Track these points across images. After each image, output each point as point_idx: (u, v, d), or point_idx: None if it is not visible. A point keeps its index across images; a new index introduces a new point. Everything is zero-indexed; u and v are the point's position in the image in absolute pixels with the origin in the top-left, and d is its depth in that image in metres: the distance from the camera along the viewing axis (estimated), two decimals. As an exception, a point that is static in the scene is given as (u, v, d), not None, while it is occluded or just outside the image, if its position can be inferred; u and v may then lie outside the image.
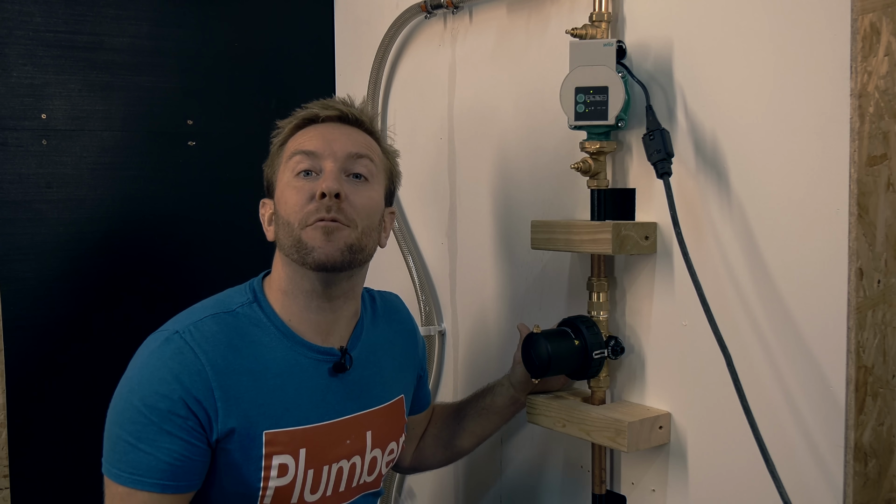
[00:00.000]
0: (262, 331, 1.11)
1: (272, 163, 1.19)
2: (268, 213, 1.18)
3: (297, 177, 1.11)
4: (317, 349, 1.13)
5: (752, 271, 1.09)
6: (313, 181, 1.11)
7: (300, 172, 1.11)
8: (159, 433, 1.01)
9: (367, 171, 1.14)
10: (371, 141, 1.19)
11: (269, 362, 1.09)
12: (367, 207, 1.12)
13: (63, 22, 1.60)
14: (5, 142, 1.55)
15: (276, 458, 1.07)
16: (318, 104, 1.18)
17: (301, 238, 1.08)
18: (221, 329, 1.08)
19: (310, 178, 1.11)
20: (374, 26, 1.74)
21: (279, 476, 1.07)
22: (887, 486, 1.00)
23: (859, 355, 0.98)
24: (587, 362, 1.21)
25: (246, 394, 1.06)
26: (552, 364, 1.19)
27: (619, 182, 1.26)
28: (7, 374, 1.54)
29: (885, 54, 0.95)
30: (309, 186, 1.10)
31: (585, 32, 1.21)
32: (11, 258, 1.56)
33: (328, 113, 1.17)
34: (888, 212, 0.97)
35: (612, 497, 1.29)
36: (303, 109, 1.19)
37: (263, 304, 1.13)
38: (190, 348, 1.05)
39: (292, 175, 1.12)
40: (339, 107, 1.17)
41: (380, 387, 1.21)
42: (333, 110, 1.17)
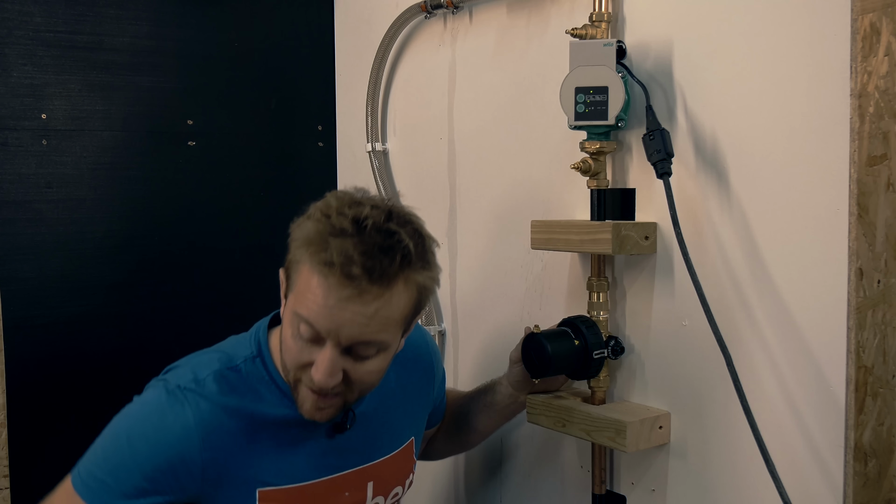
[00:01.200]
0: (265, 388, 1.07)
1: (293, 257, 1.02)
2: (284, 287, 1.06)
3: (300, 334, 1.00)
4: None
5: (752, 271, 1.09)
6: (313, 347, 1.00)
7: (302, 332, 0.99)
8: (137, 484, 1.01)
9: (375, 351, 1.01)
10: (391, 309, 0.98)
11: (268, 421, 1.06)
12: (370, 376, 1.03)
13: (63, 22, 1.60)
14: (5, 142, 1.55)
15: None
16: (343, 257, 0.94)
17: (295, 387, 1.04)
18: (222, 389, 1.05)
19: (310, 342, 1.00)
20: (374, 26, 1.74)
21: None
22: (887, 486, 1.00)
23: (859, 355, 0.98)
24: (587, 362, 1.21)
25: (239, 454, 1.04)
26: (552, 364, 1.19)
27: (619, 182, 1.26)
28: (7, 374, 1.54)
29: (885, 54, 0.95)
30: (307, 354, 1.00)
31: (585, 32, 1.21)
32: (11, 258, 1.56)
33: (348, 289, 0.95)
34: (888, 212, 0.97)
35: (612, 497, 1.29)
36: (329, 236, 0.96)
37: (267, 360, 1.09)
38: (188, 406, 1.03)
39: (295, 329, 1.00)
40: (363, 283, 0.95)
41: (387, 437, 1.18)
42: (353, 284, 0.94)
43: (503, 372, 1.35)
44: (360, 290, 0.95)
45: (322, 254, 0.96)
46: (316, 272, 0.96)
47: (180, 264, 1.74)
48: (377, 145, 1.73)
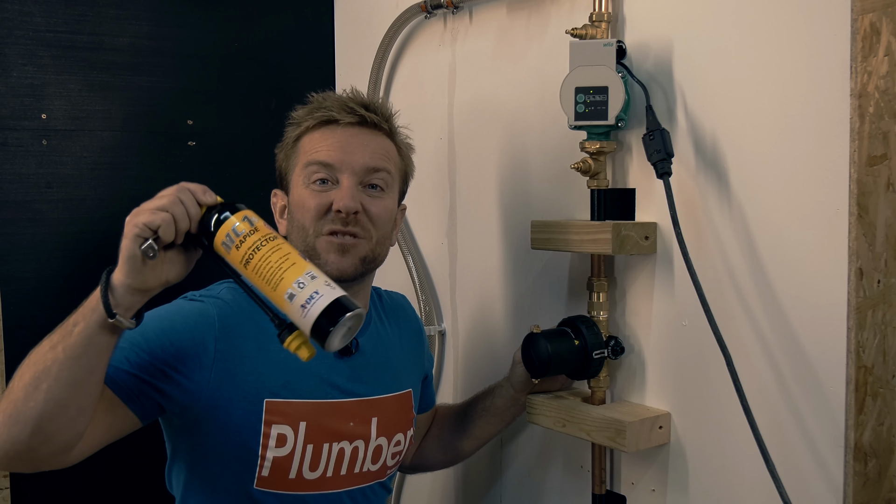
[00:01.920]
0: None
1: (286, 156, 1.19)
2: (279, 205, 1.20)
3: (314, 184, 1.13)
4: None
5: (752, 271, 1.09)
6: (329, 190, 1.12)
7: (316, 181, 1.13)
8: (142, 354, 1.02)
9: (383, 182, 1.16)
10: (390, 146, 1.19)
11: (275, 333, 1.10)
12: (382, 218, 1.15)
13: (63, 22, 1.60)
14: (5, 142, 1.55)
15: (275, 427, 1.08)
16: (338, 104, 1.16)
17: (315, 247, 1.12)
18: (234, 297, 1.11)
19: (325, 186, 1.13)
20: (374, 26, 1.74)
21: (278, 446, 1.08)
22: (887, 486, 1.00)
23: (859, 355, 0.98)
24: (587, 362, 1.21)
25: (248, 358, 1.07)
26: (552, 364, 1.19)
27: (619, 182, 1.26)
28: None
29: (885, 54, 0.95)
30: (325, 196, 1.12)
31: (585, 32, 1.21)
32: (11, 258, 1.56)
33: (349, 119, 1.15)
34: (888, 212, 0.97)
35: (612, 497, 1.29)
36: (320, 102, 1.17)
37: None
38: (204, 304, 1.09)
39: (308, 182, 1.13)
40: (360, 111, 1.15)
41: (387, 376, 1.22)
42: (353, 116, 1.15)
43: (503, 372, 1.35)
44: (362, 122, 1.15)
45: (318, 112, 1.15)
46: (319, 127, 1.15)
47: (180, 264, 1.74)
48: (377, 145, 1.73)
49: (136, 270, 0.88)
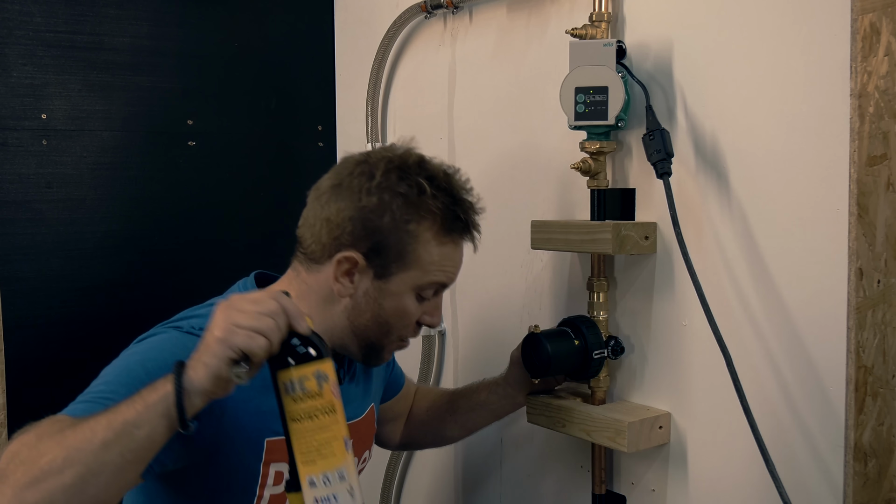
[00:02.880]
0: None
1: (398, 238, 1.04)
2: (347, 266, 1.06)
3: (420, 299, 1.09)
4: None
5: (752, 271, 1.09)
6: (426, 303, 1.10)
7: (426, 297, 1.09)
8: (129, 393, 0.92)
9: None
10: None
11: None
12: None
13: (63, 22, 1.60)
14: (5, 142, 1.55)
15: (273, 465, 1.05)
16: (472, 219, 1.10)
17: (384, 347, 1.11)
18: None
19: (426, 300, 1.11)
20: (374, 26, 1.74)
21: (275, 484, 1.06)
22: (887, 486, 1.00)
23: (859, 355, 0.98)
24: (587, 362, 1.21)
25: (251, 399, 1.02)
26: (552, 364, 1.19)
27: (619, 182, 1.26)
28: (7, 374, 1.54)
29: (885, 54, 0.95)
30: (420, 310, 1.10)
31: (585, 32, 1.21)
32: (11, 258, 1.56)
33: (476, 234, 1.12)
34: (888, 212, 0.97)
35: (612, 497, 1.29)
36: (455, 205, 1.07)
37: None
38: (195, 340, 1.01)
39: (415, 295, 1.08)
40: (478, 236, 1.12)
41: (359, 399, 1.21)
42: (473, 236, 1.12)
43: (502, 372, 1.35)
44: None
45: (455, 223, 1.07)
46: (449, 241, 1.08)
47: (180, 264, 1.74)
48: (377, 145, 1.73)
49: (221, 387, 0.84)
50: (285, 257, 1.20)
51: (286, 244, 1.64)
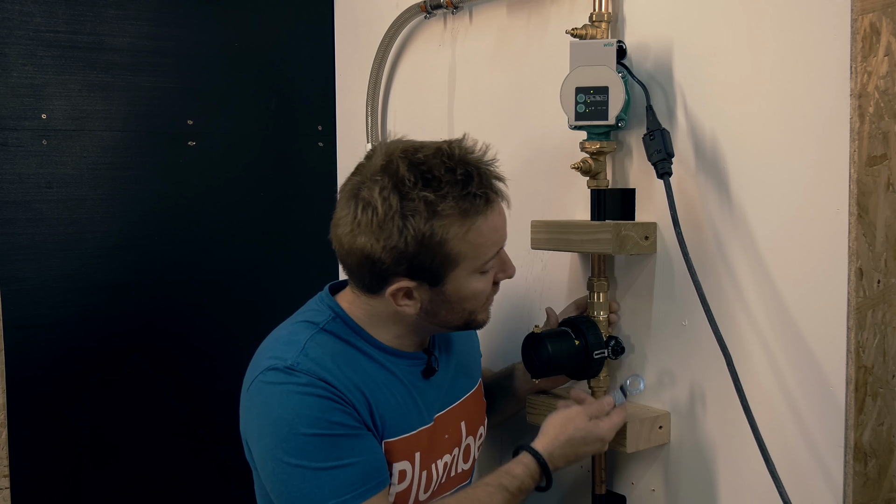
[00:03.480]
0: (353, 345, 1.10)
1: (429, 248, 1.02)
2: (404, 290, 1.06)
3: (485, 271, 1.08)
4: (407, 355, 1.14)
5: (752, 271, 1.09)
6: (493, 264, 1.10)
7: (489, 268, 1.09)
8: (352, 440, 1.01)
9: None
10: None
11: (374, 372, 1.09)
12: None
13: (63, 22, 1.60)
14: (5, 142, 1.55)
15: (395, 465, 1.08)
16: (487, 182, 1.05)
17: (476, 318, 1.13)
18: (326, 349, 1.07)
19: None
20: (374, 26, 1.74)
21: (399, 482, 1.09)
22: (887, 486, 1.00)
23: (859, 355, 0.98)
24: (587, 362, 1.21)
25: (367, 406, 1.06)
26: (552, 364, 1.19)
27: (619, 182, 1.26)
28: (7, 374, 1.54)
29: (885, 54, 0.95)
30: (492, 273, 1.10)
31: (585, 32, 1.21)
32: (11, 258, 1.56)
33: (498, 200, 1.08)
34: (888, 212, 0.97)
35: (612, 497, 1.29)
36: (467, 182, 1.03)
37: (347, 319, 1.11)
38: (317, 377, 1.03)
39: (478, 269, 1.07)
40: (501, 188, 1.08)
41: (463, 377, 1.24)
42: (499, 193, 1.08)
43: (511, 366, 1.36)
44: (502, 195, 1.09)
45: (472, 205, 1.03)
46: (478, 220, 1.03)
47: (180, 264, 1.74)
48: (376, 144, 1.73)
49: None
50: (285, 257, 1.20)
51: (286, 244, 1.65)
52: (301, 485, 0.99)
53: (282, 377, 1.03)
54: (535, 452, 1.10)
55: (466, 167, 1.03)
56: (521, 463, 1.09)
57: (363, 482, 1.00)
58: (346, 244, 1.05)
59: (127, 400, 1.67)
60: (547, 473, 1.09)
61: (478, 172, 1.04)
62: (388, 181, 1.01)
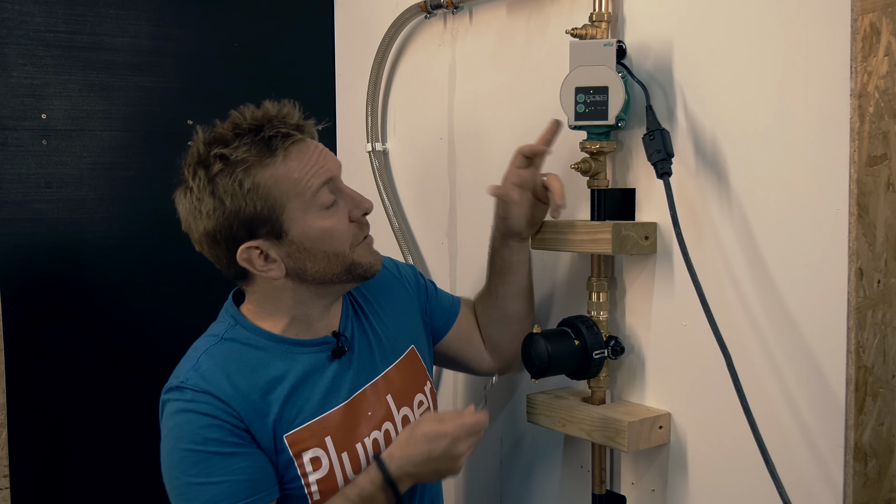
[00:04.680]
0: (254, 346, 1.12)
1: (261, 198, 1.06)
2: (257, 253, 1.09)
3: (329, 206, 1.09)
4: (311, 342, 1.15)
5: (752, 271, 1.09)
6: (342, 209, 1.11)
7: (330, 204, 1.09)
8: (224, 458, 1.04)
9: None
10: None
11: (272, 372, 1.11)
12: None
13: (63, 22, 1.60)
14: (5, 142, 1.55)
15: (304, 454, 1.09)
16: (281, 122, 1.10)
17: (354, 260, 1.11)
18: (217, 362, 1.10)
19: (335, 202, 1.11)
20: (374, 26, 1.74)
21: (315, 470, 1.09)
22: (887, 486, 1.00)
23: (859, 355, 0.98)
24: (587, 362, 1.21)
25: (261, 410, 1.08)
26: (552, 364, 1.19)
27: (619, 182, 1.26)
28: (7, 374, 1.54)
29: (885, 54, 0.95)
30: (343, 211, 1.11)
31: (585, 32, 1.21)
32: (11, 258, 1.56)
33: (303, 136, 1.11)
34: (888, 212, 0.97)
35: (612, 497, 1.29)
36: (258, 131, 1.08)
37: (246, 323, 1.14)
38: (202, 391, 1.06)
39: (322, 208, 1.08)
40: (304, 125, 1.12)
41: (383, 350, 1.22)
42: (303, 130, 1.11)
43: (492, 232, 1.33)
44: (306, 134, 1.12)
45: (270, 148, 1.06)
46: (284, 159, 1.06)
47: (180, 264, 1.74)
48: (377, 145, 1.73)
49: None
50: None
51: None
52: (178, 496, 1.06)
53: (174, 395, 1.09)
54: (377, 457, 1.10)
55: (255, 121, 1.09)
56: (366, 471, 1.10)
57: (232, 499, 1.04)
58: (195, 237, 1.12)
59: (127, 400, 1.68)
60: (386, 474, 1.07)
61: (268, 119, 1.09)
62: (191, 160, 1.10)
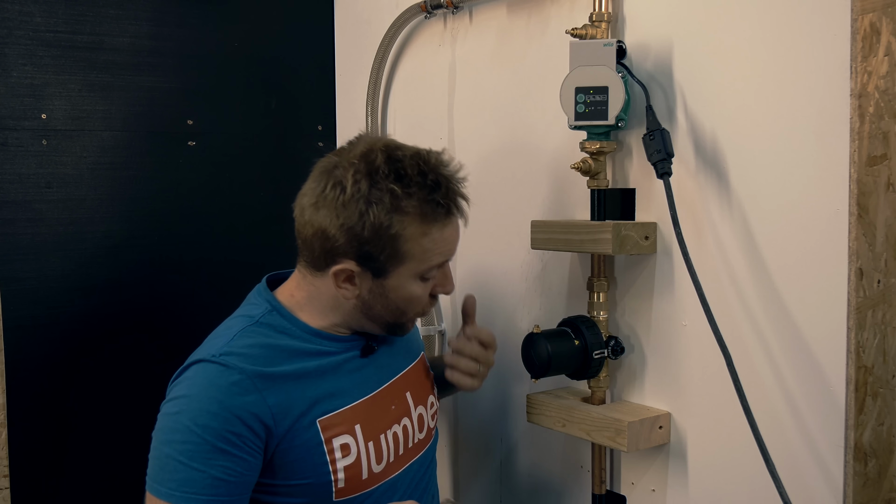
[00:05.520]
0: (289, 334, 1.13)
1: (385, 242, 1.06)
2: (346, 274, 1.10)
3: (425, 279, 1.12)
4: (343, 339, 1.16)
5: (752, 271, 1.09)
6: (434, 276, 1.13)
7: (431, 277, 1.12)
8: (213, 451, 1.03)
9: None
10: None
11: (305, 360, 1.12)
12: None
13: (63, 22, 1.60)
14: (5, 142, 1.55)
15: (335, 440, 1.10)
16: (453, 197, 1.09)
17: (403, 324, 1.17)
18: (255, 341, 1.10)
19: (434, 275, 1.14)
20: (374, 26, 1.74)
21: (344, 456, 1.10)
22: (887, 486, 1.00)
23: (859, 355, 0.98)
24: (587, 362, 1.21)
25: (293, 394, 1.08)
26: (552, 364, 1.19)
27: (619, 182, 1.26)
28: (7, 374, 1.54)
29: (885, 54, 0.95)
30: (431, 285, 1.14)
31: (585, 32, 1.21)
32: (11, 258, 1.56)
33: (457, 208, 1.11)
34: (888, 212, 0.97)
35: (612, 497, 1.29)
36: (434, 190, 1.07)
37: (283, 311, 1.14)
38: (233, 367, 1.06)
39: (421, 273, 1.10)
40: (465, 208, 1.13)
41: (403, 351, 1.25)
42: (460, 213, 1.12)
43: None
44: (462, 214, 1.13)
45: (434, 211, 1.07)
46: (435, 228, 1.08)
47: (180, 264, 1.74)
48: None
49: None
50: (284, 256, 1.21)
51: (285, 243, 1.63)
52: (156, 458, 1.05)
53: (201, 366, 1.07)
54: None
55: (437, 176, 1.08)
56: None
57: (201, 491, 1.02)
58: (307, 215, 1.09)
59: (127, 400, 1.68)
60: None
61: (447, 184, 1.08)
62: (363, 167, 1.06)
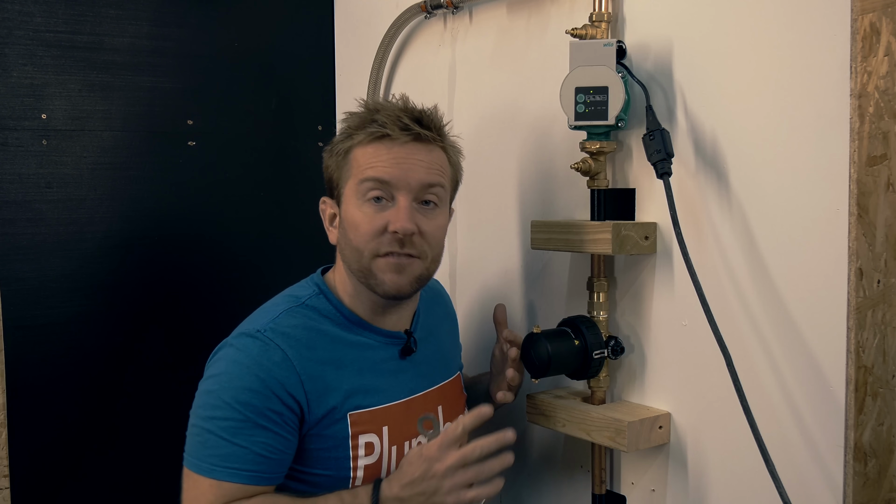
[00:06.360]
0: (333, 320, 1.14)
1: (337, 165, 1.15)
2: (329, 212, 1.18)
3: (368, 202, 1.10)
4: (385, 333, 1.17)
5: (752, 271, 1.09)
6: (384, 209, 1.10)
7: (371, 199, 1.10)
8: (254, 428, 1.04)
9: (437, 198, 1.14)
10: (443, 158, 1.15)
11: (345, 349, 1.12)
12: (437, 237, 1.15)
13: (63, 22, 1.60)
14: (5, 142, 1.55)
15: (361, 437, 1.10)
16: (392, 118, 1.10)
17: (371, 268, 1.10)
18: (299, 322, 1.11)
19: (381, 204, 1.10)
20: (374, 26, 1.74)
21: (367, 455, 1.11)
22: (887, 486, 1.00)
23: (859, 355, 0.98)
24: (587, 362, 1.21)
25: (330, 381, 1.09)
26: (552, 364, 1.19)
27: (619, 182, 1.26)
28: (7, 374, 1.54)
29: (885, 54, 0.95)
30: (381, 217, 1.09)
31: (585, 32, 1.21)
32: (11, 258, 1.56)
33: (405, 138, 1.10)
34: (888, 212, 0.97)
35: (612, 497, 1.29)
36: (372, 113, 1.12)
37: (329, 296, 1.16)
38: (275, 344, 1.07)
39: (362, 200, 1.10)
40: (416, 129, 1.10)
41: (442, 365, 1.25)
42: (409, 133, 1.10)
43: None
44: (417, 137, 1.10)
45: (371, 126, 1.11)
46: (373, 142, 1.11)
47: (180, 264, 1.74)
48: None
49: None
50: (284, 256, 1.22)
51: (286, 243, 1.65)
52: (195, 434, 1.07)
53: (242, 341, 1.09)
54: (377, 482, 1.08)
55: (384, 105, 1.13)
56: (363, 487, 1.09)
57: (241, 466, 1.03)
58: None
59: (127, 400, 1.68)
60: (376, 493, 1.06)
61: (392, 110, 1.12)
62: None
